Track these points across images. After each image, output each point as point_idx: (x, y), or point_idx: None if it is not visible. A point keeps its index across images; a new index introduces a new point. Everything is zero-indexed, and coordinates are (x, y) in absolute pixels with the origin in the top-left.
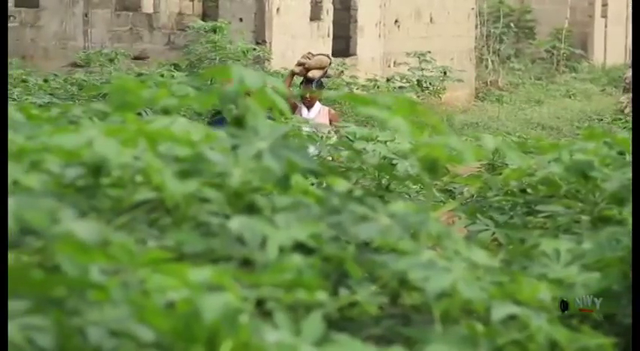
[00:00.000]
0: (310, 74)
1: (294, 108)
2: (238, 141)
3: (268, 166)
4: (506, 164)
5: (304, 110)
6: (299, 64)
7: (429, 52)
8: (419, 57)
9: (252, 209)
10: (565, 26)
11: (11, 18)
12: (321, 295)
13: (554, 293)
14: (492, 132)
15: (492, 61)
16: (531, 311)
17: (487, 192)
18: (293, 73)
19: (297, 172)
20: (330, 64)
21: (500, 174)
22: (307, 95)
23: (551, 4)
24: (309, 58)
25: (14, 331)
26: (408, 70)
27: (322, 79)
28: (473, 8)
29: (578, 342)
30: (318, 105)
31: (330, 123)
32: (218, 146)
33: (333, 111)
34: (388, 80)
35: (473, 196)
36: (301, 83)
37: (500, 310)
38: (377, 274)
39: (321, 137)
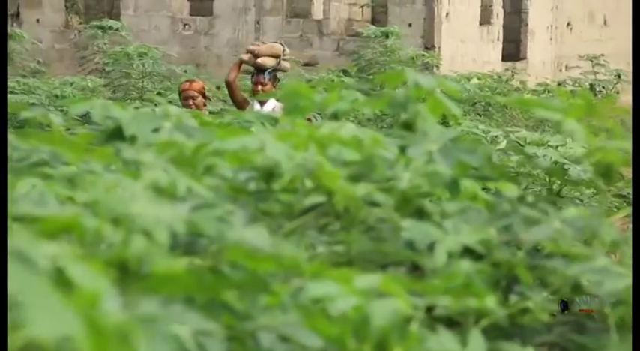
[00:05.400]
0: (260, 61)
1: (244, 104)
2: (408, 145)
3: (438, 170)
4: None
5: (257, 106)
6: (248, 51)
7: (602, 55)
8: (591, 60)
9: (420, 214)
10: None
11: (186, 26)
12: (491, 302)
13: None
14: None
15: None
16: None
17: None
18: (241, 62)
19: (467, 176)
20: (284, 52)
21: None
22: (258, 85)
23: None
24: (259, 46)
25: (186, 335)
26: (580, 73)
27: (277, 73)
28: None
29: None
30: (272, 101)
31: None
32: (387, 151)
33: None
34: (559, 84)
35: None
36: (252, 75)
37: None
38: (548, 280)
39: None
